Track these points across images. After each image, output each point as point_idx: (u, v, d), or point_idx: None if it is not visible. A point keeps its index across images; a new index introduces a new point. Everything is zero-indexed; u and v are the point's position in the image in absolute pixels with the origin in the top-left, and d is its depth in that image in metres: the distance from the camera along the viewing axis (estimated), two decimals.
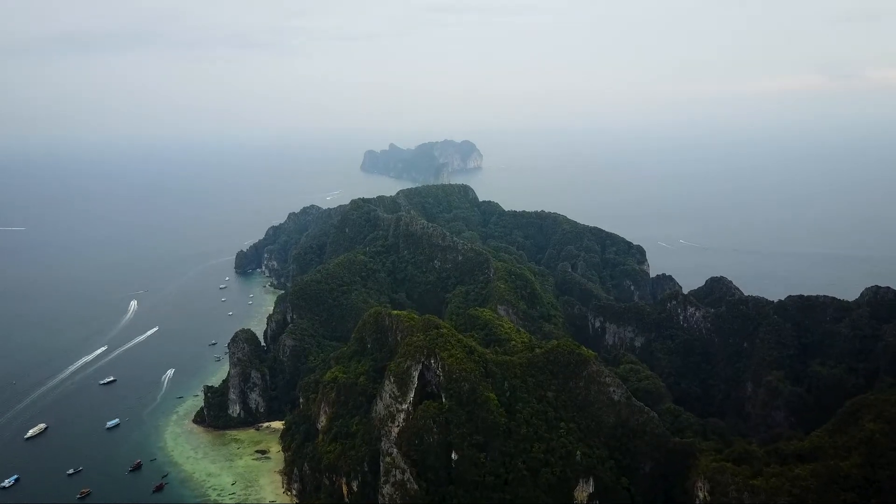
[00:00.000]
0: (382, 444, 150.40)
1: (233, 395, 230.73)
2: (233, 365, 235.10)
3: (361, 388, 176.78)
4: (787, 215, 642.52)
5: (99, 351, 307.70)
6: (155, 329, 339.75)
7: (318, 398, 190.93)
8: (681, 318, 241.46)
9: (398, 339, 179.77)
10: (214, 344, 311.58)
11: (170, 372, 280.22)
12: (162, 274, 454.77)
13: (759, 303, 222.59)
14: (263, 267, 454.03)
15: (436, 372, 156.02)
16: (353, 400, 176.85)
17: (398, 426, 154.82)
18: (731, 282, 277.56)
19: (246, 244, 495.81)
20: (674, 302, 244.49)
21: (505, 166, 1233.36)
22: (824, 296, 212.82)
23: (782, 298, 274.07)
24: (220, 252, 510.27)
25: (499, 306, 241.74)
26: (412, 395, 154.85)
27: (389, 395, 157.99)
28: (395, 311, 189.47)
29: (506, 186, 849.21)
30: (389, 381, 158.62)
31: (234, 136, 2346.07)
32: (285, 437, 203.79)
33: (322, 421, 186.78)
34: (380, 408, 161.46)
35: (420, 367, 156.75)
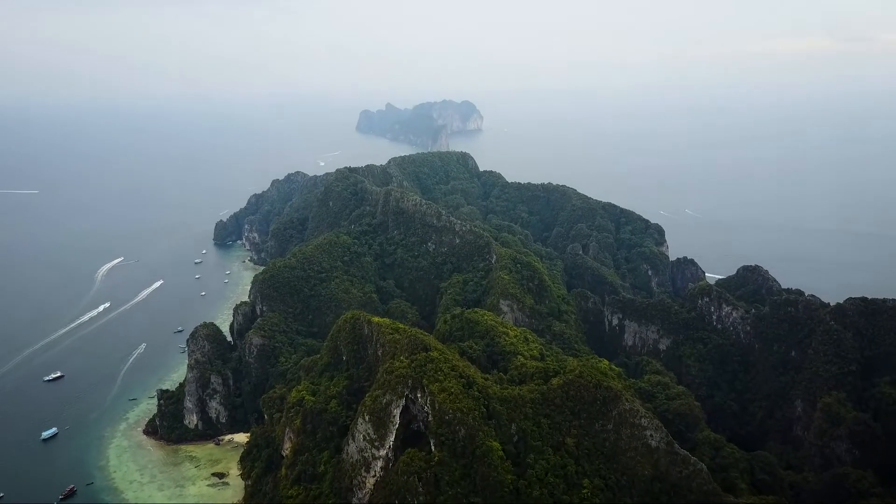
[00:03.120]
0: None
1: (189, 404, 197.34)
2: (190, 368, 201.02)
3: (332, 415, 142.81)
4: (807, 187, 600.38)
5: (53, 336, 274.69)
6: (117, 311, 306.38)
7: (282, 420, 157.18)
8: (714, 317, 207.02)
9: (378, 353, 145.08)
10: (181, 331, 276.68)
11: (126, 365, 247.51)
12: (135, 244, 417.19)
13: (810, 305, 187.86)
14: (244, 239, 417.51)
15: (423, 408, 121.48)
16: (322, 430, 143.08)
17: (374, 476, 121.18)
18: (766, 271, 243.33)
19: (223, 213, 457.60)
20: (706, 298, 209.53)
21: (507, 128, 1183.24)
22: (893, 300, 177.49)
23: (824, 290, 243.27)
24: (201, 220, 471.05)
25: (501, 301, 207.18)
26: (392, 438, 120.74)
27: (364, 436, 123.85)
28: (376, 319, 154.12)
29: (508, 153, 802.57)
30: (364, 419, 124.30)
31: (222, 97, 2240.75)
32: (245, 462, 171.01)
33: (286, 448, 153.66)
34: (352, 449, 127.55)
35: (403, 401, 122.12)
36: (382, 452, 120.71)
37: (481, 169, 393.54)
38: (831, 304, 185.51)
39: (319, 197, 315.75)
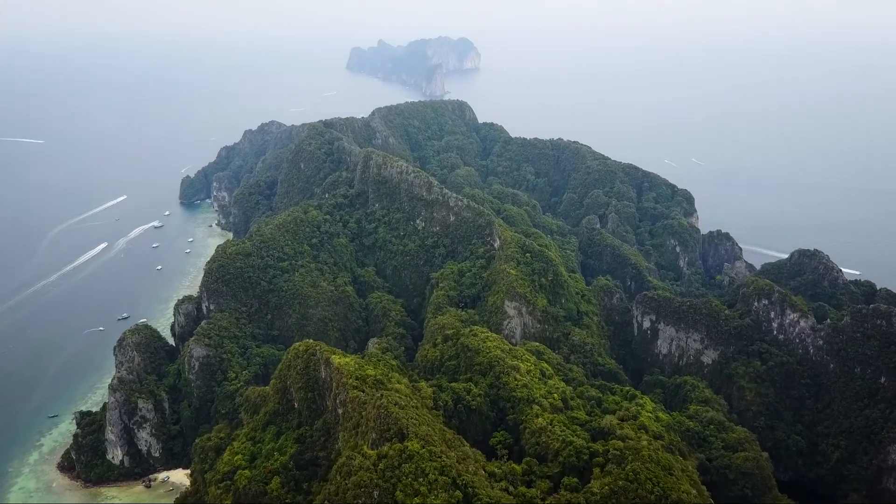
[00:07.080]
0: None
1: (111, 436, 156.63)
2: (112, 389, 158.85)
3: (273, 501, 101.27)
4: (831, 137, 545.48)
5: None
6: (59, 289, 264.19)
7: (212, 490, 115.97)
8: (775, 326, 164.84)
9: (338, 412, 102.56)
10: (126, 318, 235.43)
11: (54, 367, 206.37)
12: (89, 203, 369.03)
13: None
14: (212, 198, 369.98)
15: None
16: None
17: None
18: (827, 257, 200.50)
19: (185, 170, 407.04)
20: (765, 301, 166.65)
21: (506, 68, 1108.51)
22: None
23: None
24: (166, 174, 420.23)
25: (507, 302, 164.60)
26: None
27: None
28: (337, 358, 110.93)
29: (509, 96, 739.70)
30: None
31: (200, 32, 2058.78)
32: None
33: None
34: None
35: None
36: None
37: (480, 120, 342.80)
38: None
39: (289, 157, 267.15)
